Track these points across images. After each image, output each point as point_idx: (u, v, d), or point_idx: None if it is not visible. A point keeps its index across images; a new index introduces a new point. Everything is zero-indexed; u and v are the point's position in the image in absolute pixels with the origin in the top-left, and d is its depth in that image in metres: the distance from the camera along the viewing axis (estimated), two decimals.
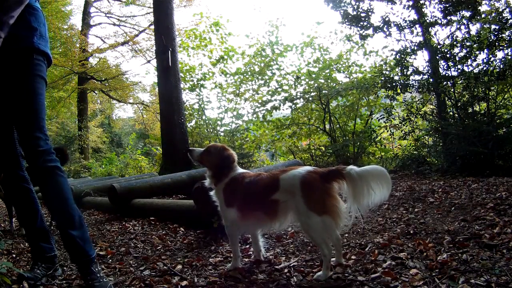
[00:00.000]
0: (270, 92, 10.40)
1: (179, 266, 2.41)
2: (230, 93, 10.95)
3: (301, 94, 9.57)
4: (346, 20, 8.19)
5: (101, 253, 2.89)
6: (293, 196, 1.96)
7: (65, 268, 2.48)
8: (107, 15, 20.31)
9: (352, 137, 8.51)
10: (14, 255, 2.96)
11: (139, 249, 3.01)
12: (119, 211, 4.74)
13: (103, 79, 19.03)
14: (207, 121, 11.14)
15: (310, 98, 9.37)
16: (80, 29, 19.07)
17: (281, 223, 2.14)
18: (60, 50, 18.37)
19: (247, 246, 2.79)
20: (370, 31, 8.05)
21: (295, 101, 9.58)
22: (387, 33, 7.83)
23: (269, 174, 2.16)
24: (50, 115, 20.96)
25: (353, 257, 2.23)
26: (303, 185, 1.94)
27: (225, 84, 11.14)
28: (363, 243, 2.51)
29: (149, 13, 18.75)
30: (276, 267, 2.22)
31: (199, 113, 11.07)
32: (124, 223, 4.12)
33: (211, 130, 10.94)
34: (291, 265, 2.24)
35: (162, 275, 2.27)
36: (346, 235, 2.76)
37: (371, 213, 3.53)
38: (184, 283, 2.10)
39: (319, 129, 9.42)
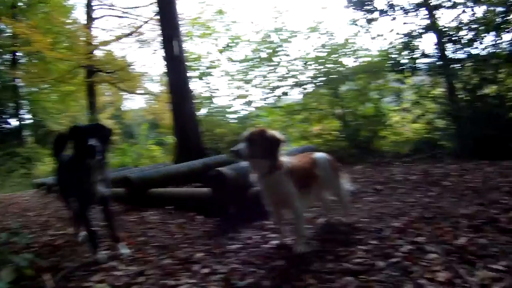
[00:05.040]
0: (279, 78, 10.33)
1: (199, 254, 2.46)
2: (239, 80, 10.90)
3: (310, 79, 9.50)
4: (351, 4, 8.07)
5: None
6: (325, 171, 2.60)
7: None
8: (111, 7, 20.14)
9: (363, 121, 8.45)
10: (37, 249, 3.06)
11: (158, 238, 3.06)
12: (136, 201, 4.80)
13: (111, 71, 18.98)
14: (217, 109, 11.14)
15: (319, 83, 9.29)
16: (84, 22, 18.98)
17: (319, 193, 2.72)
18: (66, 44, 18.36)
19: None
20: (376, 15, 7.91)
21: (304, 86, 9.51)
22: (393, 16, 7.69)
23: (303, 157, 2.65)
24: (60, 110, 21.16)
25: (371, 242, 2.26)
26: (331, 164, 2.69)
27: (233, 71, 11.10)
28: (380, 227, 2.52)
29: (152, 3, 18.53)
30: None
31: (209, 101, 11.06)
32: (141, 213, 4.18)
33: (222, 117, 10.94)
34: (311, 250, 2.27)
35: (183, 263, 2.32)
36: (364, 220, 2.77)
37: (387, 197, 3.54)
38: (205, 270, 2.15)
39: (330, 114, 9.35)
